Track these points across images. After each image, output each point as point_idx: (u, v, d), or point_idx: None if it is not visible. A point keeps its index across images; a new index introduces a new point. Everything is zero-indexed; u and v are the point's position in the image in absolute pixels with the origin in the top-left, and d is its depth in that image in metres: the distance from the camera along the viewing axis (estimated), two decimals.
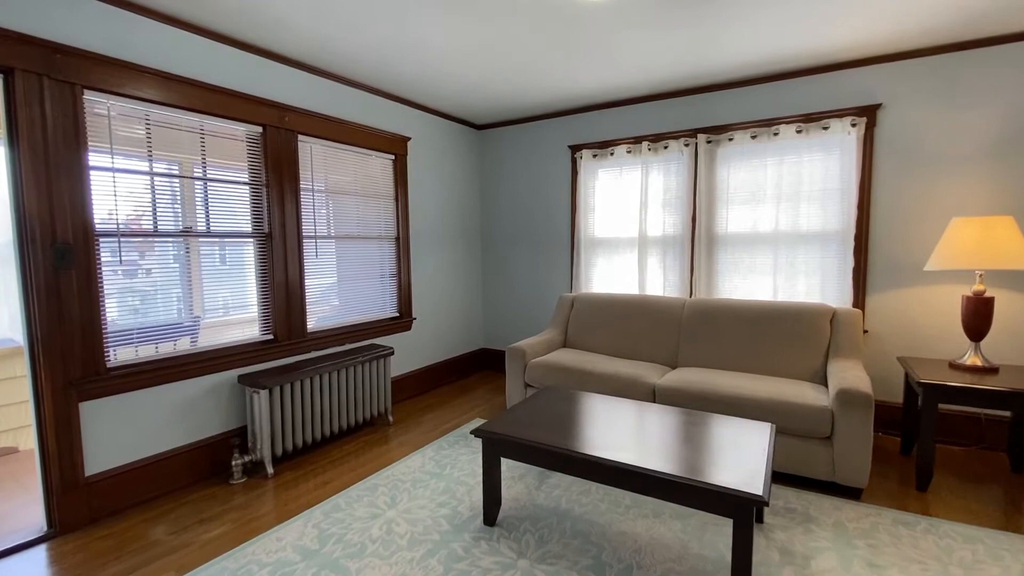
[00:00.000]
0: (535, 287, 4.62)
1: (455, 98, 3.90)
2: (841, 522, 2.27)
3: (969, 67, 2.92)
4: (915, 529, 2.20)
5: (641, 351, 3.50)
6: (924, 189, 3.08)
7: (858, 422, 2.41)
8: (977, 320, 2.67)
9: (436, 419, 3.61)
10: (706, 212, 3.72)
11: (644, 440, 2.07)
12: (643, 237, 3.94)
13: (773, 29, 2.70)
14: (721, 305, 3.35)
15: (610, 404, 2.53)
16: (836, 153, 3.30)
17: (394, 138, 3.81)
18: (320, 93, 3.29)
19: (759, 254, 3.58)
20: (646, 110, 3.93)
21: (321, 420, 3.09)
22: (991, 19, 2.61)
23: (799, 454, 2.56)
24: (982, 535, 2.14)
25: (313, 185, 3.29)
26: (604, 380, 3.09)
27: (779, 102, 3.45)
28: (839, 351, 2.97)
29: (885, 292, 3.23)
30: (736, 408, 2.67)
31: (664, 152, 3.86)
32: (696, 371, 3.07)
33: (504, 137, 4.67)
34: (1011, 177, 2.86)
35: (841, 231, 3.30)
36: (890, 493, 2.53)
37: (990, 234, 2.58)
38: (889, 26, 2.68)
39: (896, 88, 3.11)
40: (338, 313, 3.54)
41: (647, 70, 3.31)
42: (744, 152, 3.58)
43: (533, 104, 4.07)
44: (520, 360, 3.41)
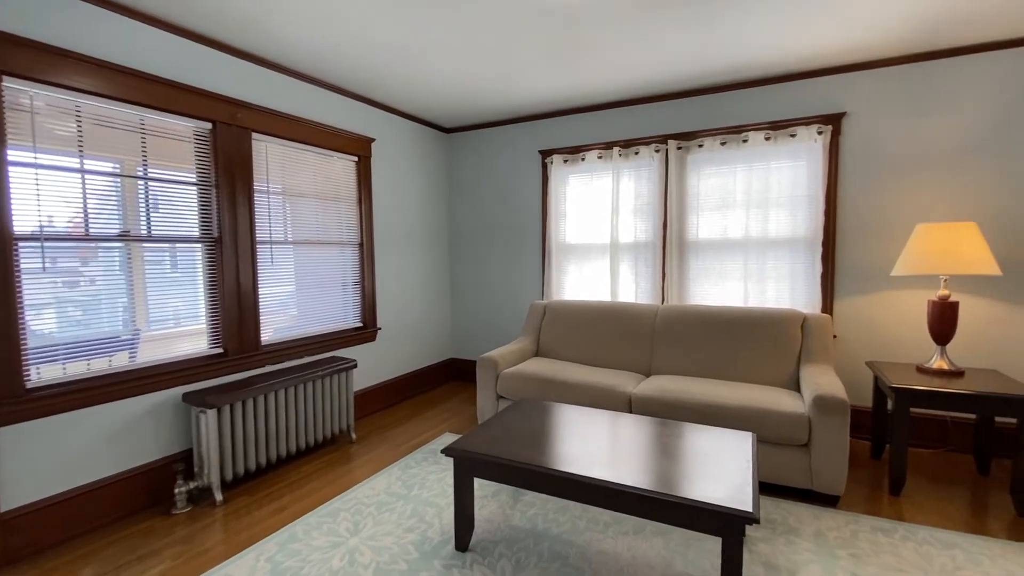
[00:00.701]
0: (506, 295, 4.50)
1: (422, 100, 3.76)
2: (822, 532, 2.22)
3: (929, 78, 3.00)
4: (894, 536, 2.18)
5: (615, 359, 3.42)
6: (889, 196, 3.14)
7: (835, 429, 2.38)
8: (943, 324, 2.71)
9: (403, 435, 3.42)
10: (677, 218, 3.70)
11: (625, 454, 1.97)
12: (615, 243, 3.89)
13: (741, 37, 2.69)
14: (693, 312, 3.32)
15: (587, 416, 2.42)
16: (803, 160, 3.34)
17: (357, 139, 3.64)
18: (277, 89, 3.09)
19: (730, 260, 3.57)
20: (617, 115, 3.90)
21: (277, 440, 2.86)
22: (948, 32, 2.68)
23: (776, 462, 2.52)
24: (958, 540, 2.13)
25: (269, 187, 3.08)
26: (579, 390, 2.99)
27: (748, 109, 3.47)
28: (811, 357, 2.97)
29: (853, 297, 3.26)
30: (714, 417, 2.62)
31: (635, 158, 3.82)
32: (671, 379, 3.01)
33: (473, 141, 4.55)
34: (973, 184, 2.94)
35: (809, 237, 3.33)
36: (866, 499, 2.52)
37: (954, 240, 2.62)
38: (853, 35, 2.71)
39: (860, 97, 3.17)
40: (297, 324, 3.32)
41: (618, 74, 3.26)
42: (714, 159, 3.58)
43: (503, 107, 3.97)
44: (492, 371, 3.27)
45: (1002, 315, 2.91)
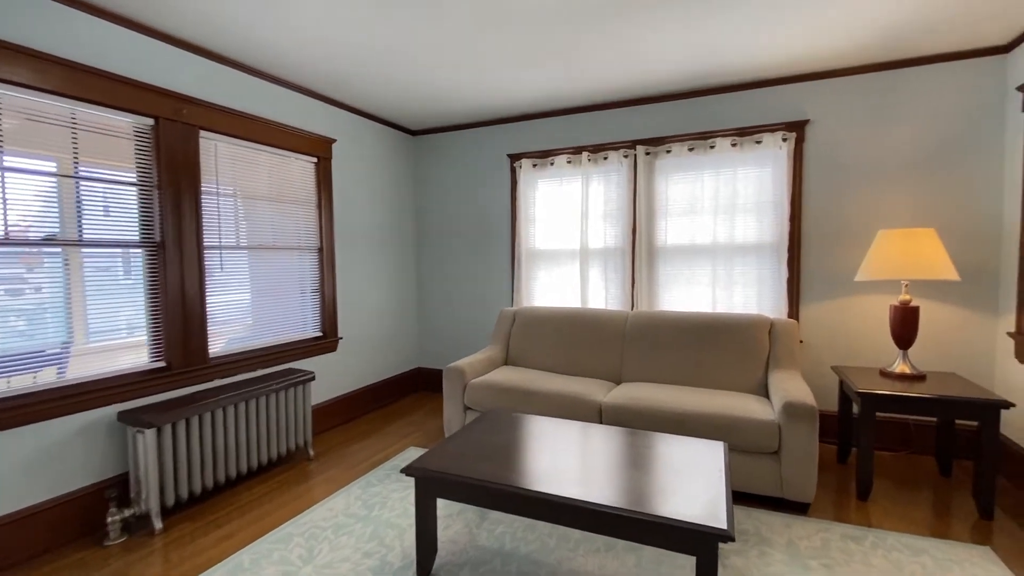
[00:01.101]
0: (475, 301, 4.39)
1: (387, 101, 3.63)
2: (793, 541, 2.19)
3: (888, 87, 3.06)
4: (864, 544, 2.16)
5: (585, 367, 3.35)
6: (851, 202, 3.19)
7: (804, 436, 2.36)
8: (904, 329, 2.74)
9: (365, 450, 3.25)
10: (646, 224, 3.67)
11: (594, 469, 1.88)
12: (585, 249, 3.84)
13: (710, 43, 2.68)
14: (663, 318, 3.28)
15: (556, 428, 2.33)
16: (769, 167, 3.36)
17: (317, 139, 3.47)
18: (229, 85, 2.91)
19: (698, 266, 3.56)
20: (586, 120, 3.86)
21: (225, 460, 2.65)
22: (905, 43, 2.74)
23: (747, 470, 2.48)
24: (927, 545, 2.13)
25: (219, 188, 2.88)
26: (549, 400, 2.90)
27: (715, 116, 3.48)
28: (778, 362, 2.97)
29: (818, 302, 3.29)
30: (685, 425, 2.57)
31: (604, 163, 3.79)
32: (641, 386, 2.96)
33: (441, 143, 4.44)
34: (931, 191, 3.01)
35: (775, 243, 3.35)
36: (834, 505, 2.51)
37: (914, 246, 2.66)
38: (818, 43, 2.74)
39: (822, 105, 3.22)
40: (251, 334, 3.12)
41: (586, 79, 3.22)
42: (682, 164, 3.58)
43: (471, 110, 3.88)
44: (459, 381, 3.15)
45: (960, 319, 2.98)
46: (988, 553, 2.05)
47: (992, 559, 2.02)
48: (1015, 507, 2.43)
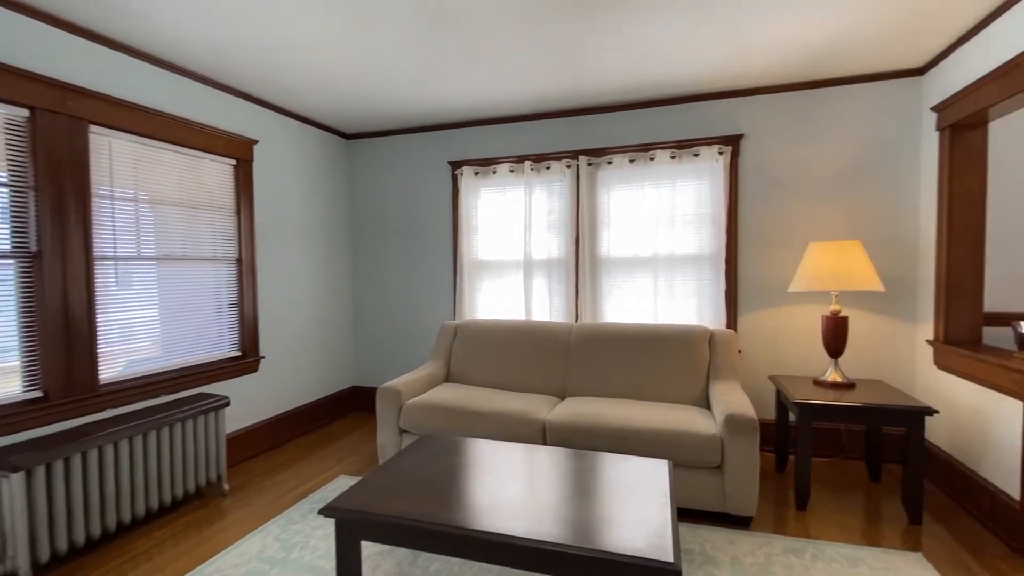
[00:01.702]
0: (415, 315, 4.17)
1: (319, 102, 3.38)
2: (738, 558, 2.14)
3: (816, 104, 3.18)
4: (804, 557, 2.15)
5: (529, 381, 3.23)
6: (783, 215, 3.27)
7: (746, 449, 2.34)
8: (835, 338, 2.81)
9: (289, 482, 2.95)
10: (589, 235, 3.62)
11: (536, 498, 1.74)
12: (528, 260, 3.73)
13: (645, 56, 2.67)
14: (606, 330, 3.22)
15: (496, 452, 2.18)
16: (707, 179, 3.40)
17: (236, 140, 3.17)
18: (129, 75, 2.59)
19: (640, 277, 3.55)
20: (528, 128, 3.78)
21: (118, 503, 2.30)
22: (830, 61, 2.84)
23: (691, 485, 2.44)
24: (863, 555, 2.14)
25: (114, 191, 2.54)
26: (491, 419, 2.75)
27: (654, 128, 3.50)
28: (719, 373, 2.97)
29: (755, 312, 3.35)
30: (629, 441, 2.49)
31: (547, 173, 3.71)
32: (585, 401, 2.87)
33: (377, 148, 4.22)
34: (855, 204, 3.14)
35: (713, 254, 3.38)
36: (775, 516, 2.50)
37: (842, 258, 2.74)
38: (746, 61, 2.79)
39: (756, 120, 3.30)
40: (158, 356, 2.77)
41: (527, 85, 3.13)
42: (623, 176, 3.57)
43: (409, 115, 3.70)
44: (394, 402, 2.93)
45: (884, 328, 3.11)
46: (920, 560, 2.09)
47: (924, 566, 2.05)
48: (941, 511, 2.52)
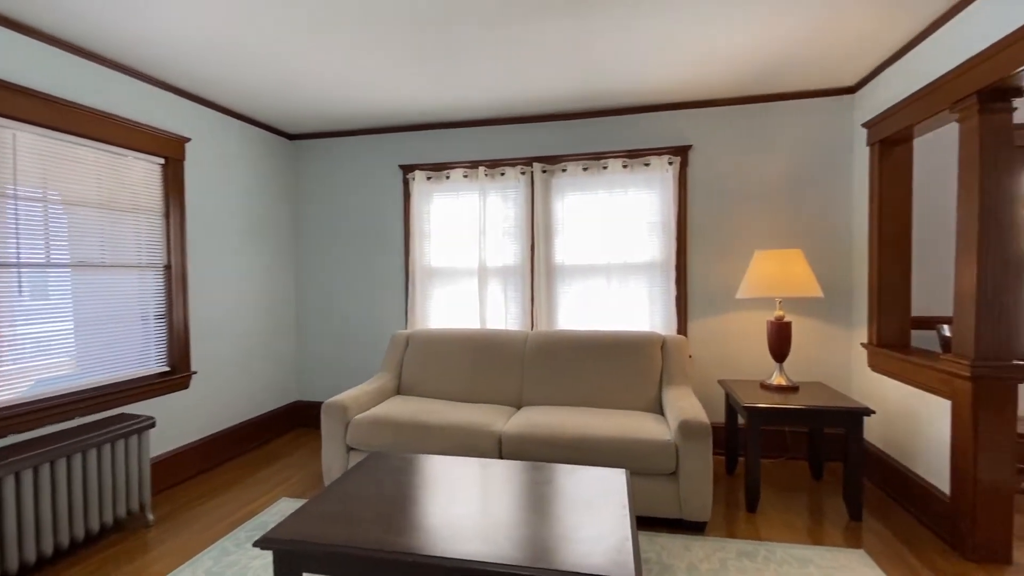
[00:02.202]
0: (364, 324, 4.00)
1: (260, 99, 3.19)
2: (694, 565, 2.15)
3: (760, 118, 3.31)
4: (756, 559, 2.18)
5: (484, 392, 3.15)
6: (730, 223, 3.38)
7: (700, 455, 2.36)
8: (779, 343, 2.91)
9: (224, 507, 2.72)
10: (544, 242, 3.60)
11: (491, 517, 1.66)
12: (483, 267, 3.67)
13: (598, 65, 2.68)
14: (561, 337, 3.20)
15: (449, 469, 2.08)
16: (657, 189, 3.46)
17: (165, 137, 2.93)
18: (36, 61, 2.33)
19: (594, 284, 3.56)
20: (483, 134, 3.73)
21: (20, 542, 2.02)
22: (771, 78, 2.97)
23: (647, 493, 2.43)
24: (811, 555, 2.20)
25: (17, 190, 2.27)
26: (445, 433, 2.64)
27: (607, 137, 3.53)
28: (671, 379, 3.01)
29: (704, 319, 3.43)
30: (586, 451, 2.46)
31: (501, 179, 3.67)
32: (541, 411, 2.82)
33: (324, 150, 4.04)
34: (796, 214, 3.29)
35: (664, 262, 3.44)
36: (727, 520, 2.54)
37: (785, 265, 2.85)
38: (694, 74, 2.86)
39: (703, 132, 3.39)
40: (69, 373, 2.48)
41: (481, 91, 3.08)
42: (577, 183, 3.58)
43: (358, 116, 3.56)
44: (340, 418, 2.77)
45: (824, 332, 3.26)
46: (863, 556, 2.17)
47: (867, 562, 2.13)
48: (879, 507, 2.65)
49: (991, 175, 2.05)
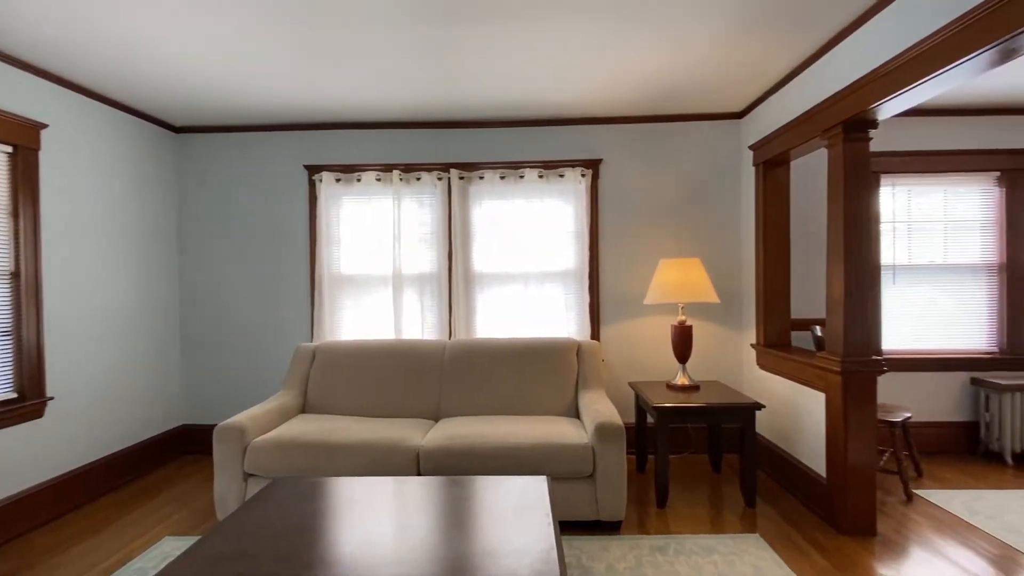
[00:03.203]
0: (264, 337, 3.66)
1: (135, 84, 2.81)
2: (612, 565, 2.20)
3: (662, 136, 3.55)
4: (668, 553, 2.29)
5: (401, 405, 3.02)
6: (638, 234, 3.57)
7: (615, 456, 2.44)
8: (682, 345, 3.12)
9: (90, 555, 2.32)
10: (462, 249, 3.56)
11: (410, 539, 1.58)
12: (398, 274, 3.53)
13: (511, 78, 2.72)
14: (480, 346, 3.17)
15: (363, 491, 1.95)
16: (571, 199, 3.58)
17: (12, 121, 2.48)
18: None
19: (512, 292, 3.58)
20: (397, 137, 3.61)
21: None
22: (671, 101, 3.20)
23: (567, 497, 2.46)
24: (715, 543, 2.36)
25: None
26: (357, 452, 2.48)
27: (524, 147, 3.59)
28: (586, 383, 3.09)
29: (615, 324, 3.58)
30: (506, 460, 2.44)
31: (417, 184, 3.57)
32: (461, 422, 2.76)
33: (219, 145, 3.66)
34: (695, 227, 3.56)
35: (578, 270, 3.55)
36: (640, 517, 2.65)
37: (686, 273, 3.06)
38: (602, 93, 3.01)
39: (613, 146, 3.57)
40: None
41: (394, 92, 2.98)
42: (495, 191, 3.58)
43: (257, 110, 3.28)
44: (236, 441, 2.49)
45: (719, 335, 3.55)
46: (758, 540, 2.37)
47: (761, 545, 2.32)
48: (771, 493, 2.91)
49: (854, 195, 2.36)
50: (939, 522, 2.52)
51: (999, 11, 1.58)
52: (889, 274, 3.51)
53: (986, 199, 3.51)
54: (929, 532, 2.43)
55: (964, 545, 2.31)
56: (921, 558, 2.22)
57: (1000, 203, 3.49)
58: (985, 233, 3.51)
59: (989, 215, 3.51)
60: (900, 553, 2.26)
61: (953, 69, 1.79)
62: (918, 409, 3.50)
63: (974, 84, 2.99)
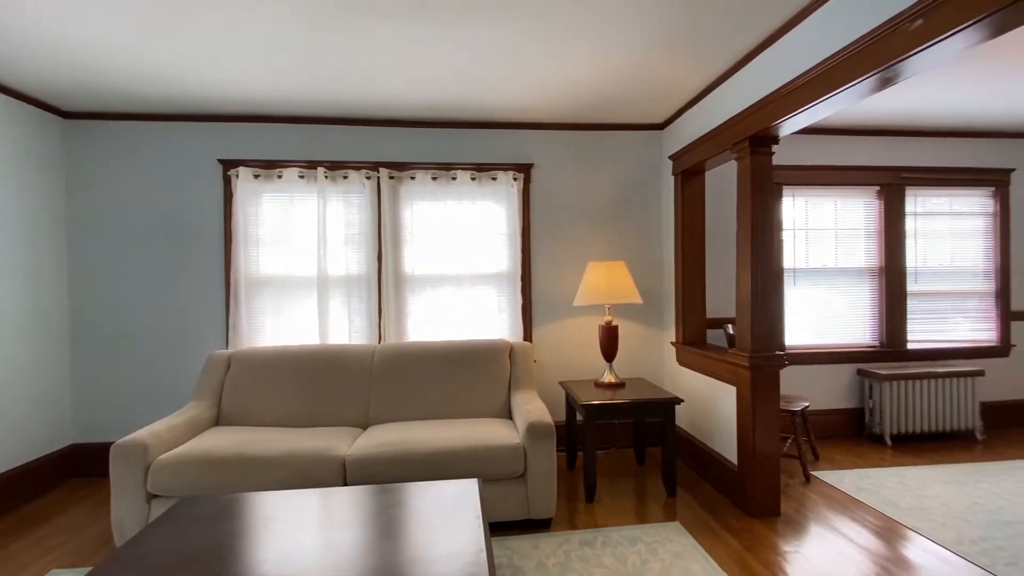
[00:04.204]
0: (171, 345, 3.36)
1: (16, 63, 2.49)
2: (542, 562, 2.24)
3: (590, 143, 3.67)
4: (595, 546, 2.37)
5: (327, 414, 2.89)
6: (568, 237, 3.67)
7: (545, 454, 2.49)
8: (609, 344, 3.24)
9: None
10: (392, 251, 3.47)
11: (335, 553, 1.52)
12: (324, 276, 3.38)
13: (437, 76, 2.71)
14: (411, 349, 3.12)
15: (284, 505, 1.85)
16: (504, 202, 3.60)
17: None
18: None
19: (445, 294, 3.55)
20: (322, 132, 3.45)
21: None
22: (598, 111, 3.32)
23: (498, 498, 2.48)
24: (639, 534, 2.47)
25: None
26: (278, 465, 2.34)
27: (456, 149, 3.56)
28: (519, 384, 3.13)
29: (546, 325, 3.65)
30: (437, 464, 2.41)
31: (344, 182, 3.44)
32: (391, 428, 2.69)
33: (117, 134, 3.32)
34: (621, 231, 3.71)
35: (511, 272, 3.59)
36: (569, 512, 2.71)
37: (612, 276, 3.19)
38: (534, 99, 3.07)
39: (544, 152, 3.64)
40: None
41: (316, 85, 2.86)
42: (427, 192, 3.53)
43: (162, 96, 3.01)
44: (137, 460, 2.27)
45: (642, 334, 3.73)
46: (678, 528, 2.51)
47: (681, 531, 2.46)
48: (690, 483, 3.09)
49: (759, 204, 2.57)
50: (832, 500, 2.80)
51: (879, 43, 1.78)
52: (790, 276, 3.86)
53: (869, 210, 3.96)
54: (824, 510, 2.69)
55: (853, 519, 2.59)
56: (817, 533, 2.46)
57: (880, 214, 3.95)
58: (868, 240, 3.95)
59: (871, 224, 3.96)
60: (800, 530, 2.48)
61: (842, 92, 2.01)
62: (814, 398, 3.87)
63: (860, 107, 3.36)
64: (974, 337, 4.06)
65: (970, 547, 2.31)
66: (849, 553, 2.29)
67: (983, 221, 4.09)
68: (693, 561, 2.22)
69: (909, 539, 2.40)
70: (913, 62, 1.74)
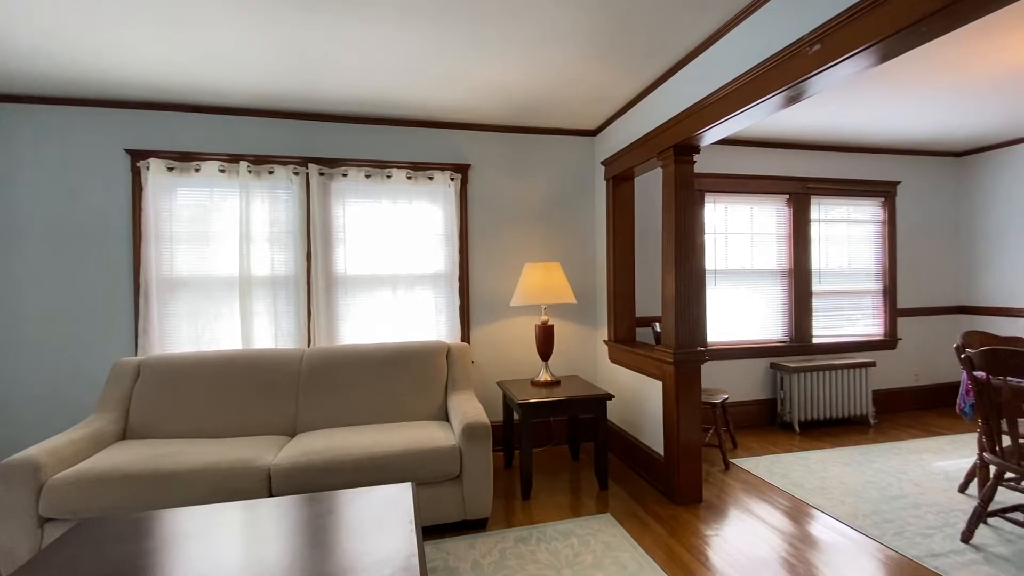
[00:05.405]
0: (69, 352, 3.04)
1: None
2: (478, 562, 2.25)
3: (527, 147, 3.73)
4: (530, 543, 2.41)
5: (251, 423, 2.74)
6: (505, 238, 3.70)
7: (481, 454, 2.50)
8: (545, 343, 3.31)
9: None
10: (323, 251, 3.35)
11: (258, 569, 1.44)
12: (246, 277, 3.19)
13: (360, 73, 2.65)
14: (343, 353, 3.02)
15: (201, 522, 1.73)
16: (441, 202, 3.58)
17: None
18: None
19: (380, 295, 3.47)
20: (245, 124, 3.26)
21: None
22: (533, 115, 3.38)
23: (434, 501, 2.46)
24: (573, 527, 2.54)
25: None
26: (195, 479, 2.19)
27: (391, 146, 3.49)
28: (456, 385, 3.12)
29: (484, 326, 3.66)
30: (371, 470, 2.35)
31: (270, 178, 3.27)
32: (320, 435, 2.59)
33: (1, 120, 2.96)
34: (556, 233, 3.79)
35: (448, 273, 3.57)
36: (506, 511, 2.74)
37: (547, 276, 3.26)
38: (470, 100, 3.07)
39: (481, 153, 3.65)
40: None
41: (240, 71, 2.70)
42: (359, 190, 3.44)
43: (54, 78, 2.72)
44: (26, 480, 2.03)
45: (577, 333, 3.83)
46: (609, 519, 2.60)
47: (612, 523, 2.56)
48: (621, 475, 3.21)
49: (683, 209, 2.72)
50: (749, 485, 3.02)
51: (785, 63, 1.95)
52: (711, 277, 4.12)
53: (779, 216, 4.31)
54: (742, 494, 2.89)
55: (766, 502, 2.80)
56: (735, 516, 2.64)
57: (789, 219, 4.31)
58: (779, 244, 4.30)
59: (781, 229, 4.31)
60: (720, 515, 2.66)
61: (755, 107, 2.17)
62: (733, 391, 4.15)
63: (773, 122, 3.65)
64: (868, 332, 4.53)
65: (863, 520, 2.58)
66: (763, 533, 2.48)
67: (874, 228, 4.58)
68: (623, 550, 2.31)
69: (813, 516, 2.63)
70: (814, 82, 1.91)
